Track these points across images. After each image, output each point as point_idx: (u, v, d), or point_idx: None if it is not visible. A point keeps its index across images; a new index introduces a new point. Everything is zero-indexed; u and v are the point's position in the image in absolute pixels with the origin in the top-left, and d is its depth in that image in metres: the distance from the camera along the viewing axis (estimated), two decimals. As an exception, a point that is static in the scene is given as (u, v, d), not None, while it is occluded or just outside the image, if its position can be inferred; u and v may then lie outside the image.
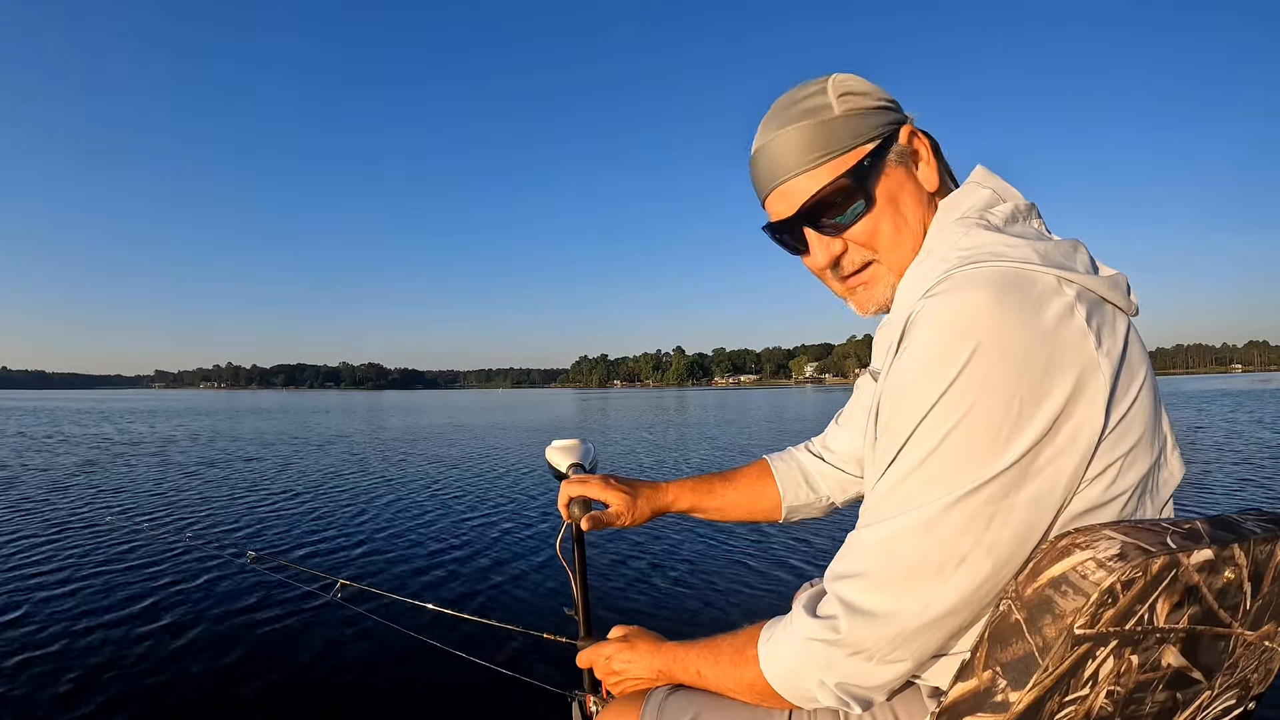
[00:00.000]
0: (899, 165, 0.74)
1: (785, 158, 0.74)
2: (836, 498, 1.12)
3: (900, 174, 0.74)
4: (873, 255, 0.75)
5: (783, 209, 0.77)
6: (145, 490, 8.04)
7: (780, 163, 0.75)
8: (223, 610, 3.60)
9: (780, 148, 0.74)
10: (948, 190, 0.78)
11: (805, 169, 0.73)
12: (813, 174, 0.73)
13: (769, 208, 0.79)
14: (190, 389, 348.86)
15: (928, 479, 0.57)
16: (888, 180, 0.73)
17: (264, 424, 20.35)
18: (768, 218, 0.80)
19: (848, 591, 0.62)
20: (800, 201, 0.74)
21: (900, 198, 0.74)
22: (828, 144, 0.72)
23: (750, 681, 0.72)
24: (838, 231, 0.75)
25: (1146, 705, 0.56)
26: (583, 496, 1.09)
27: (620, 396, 70.70)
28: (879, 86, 0.76)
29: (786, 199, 0.76)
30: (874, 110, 0.74)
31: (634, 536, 5.06)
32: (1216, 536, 0.54)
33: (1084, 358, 0.56)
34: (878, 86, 0.76)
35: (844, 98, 0.73)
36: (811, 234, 0.76)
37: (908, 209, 0.74)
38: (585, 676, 1.11)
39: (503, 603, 3.80)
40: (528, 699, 2.36)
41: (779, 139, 0.74)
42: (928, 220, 0.74)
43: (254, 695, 2.69)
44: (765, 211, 0.80)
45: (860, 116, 0.73)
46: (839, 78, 0.75)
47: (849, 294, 0.80)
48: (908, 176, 0.74)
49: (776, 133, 0.74)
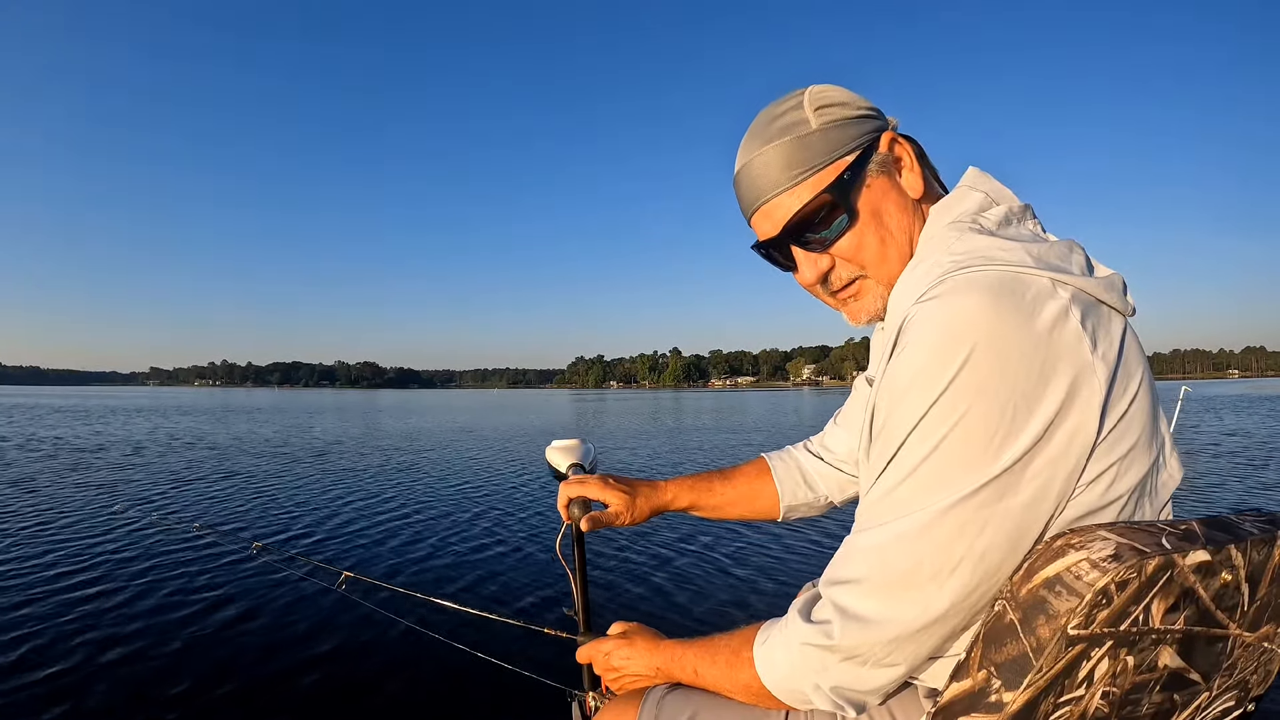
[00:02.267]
0: (881, 174, 0.73)
1: (766, 177, 0.73)
2: (835, 497, 1.12)
3: (883, 183, 0.73)
4: (859, 270, 0.75)
5: (768, 228, 0.76)
6: (154, 480, 8.11)
7: (762, 182, 0.74)
8: (227, 598, 3.64)
9: (761, 167, 0.73)
10: (935, 194, 0.77)
11: (786, 187, 0.73)
12: (794, 191, 0.72)
13: (755, 226, 0.79)
14: (185, 386, 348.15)
15: (922, 484, 0.57)
16: (870, 191, 0.72)
17: (262, 425, 20.31)
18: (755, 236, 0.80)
19: (842, 597, 0.62)
20: (784, 220, 0.74)
21: (884, 208, 0.73)
22: (807, 160, 0.71)
23: (746, 683, 0.72)
24: (823, 247, 0.74)
25: (1143, 706, 0.56)
26: (582, 497, 1.09)
27: (617, 398, 70.71)
28: (858, 95, 0.75)
29: (771, 218, 0.75)
30: (852, 120, 0.72)
31: (633, 535, 5.07)
32: (1212, 537, 0.54)
33: (1079, 361, 0.55)
34: (857, 95, 0.75)
35: (820, 110, 0.72)
36: (799, 252, 0.76)
37: (892, 219, 0.73)
38: (585, 674, 1.12)
39: (504, 599, 3.80)
40: (528, 694, 2.36)
41: (759, 158, 0.73)
42: (914, 228, 0.74)
43: (256, 683, 2.70)
44: (752, 230, 0.80)
45: (838, 128, 0.72)
46: (815, 90, 0.74)
47: (841, 305, 0.80)
48: (891, 185, 0.74)
49: (756, 152, 0.74)
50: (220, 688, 2.65)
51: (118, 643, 3.04)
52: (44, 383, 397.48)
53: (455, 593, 3.93)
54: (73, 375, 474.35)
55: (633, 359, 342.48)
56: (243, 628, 3.24)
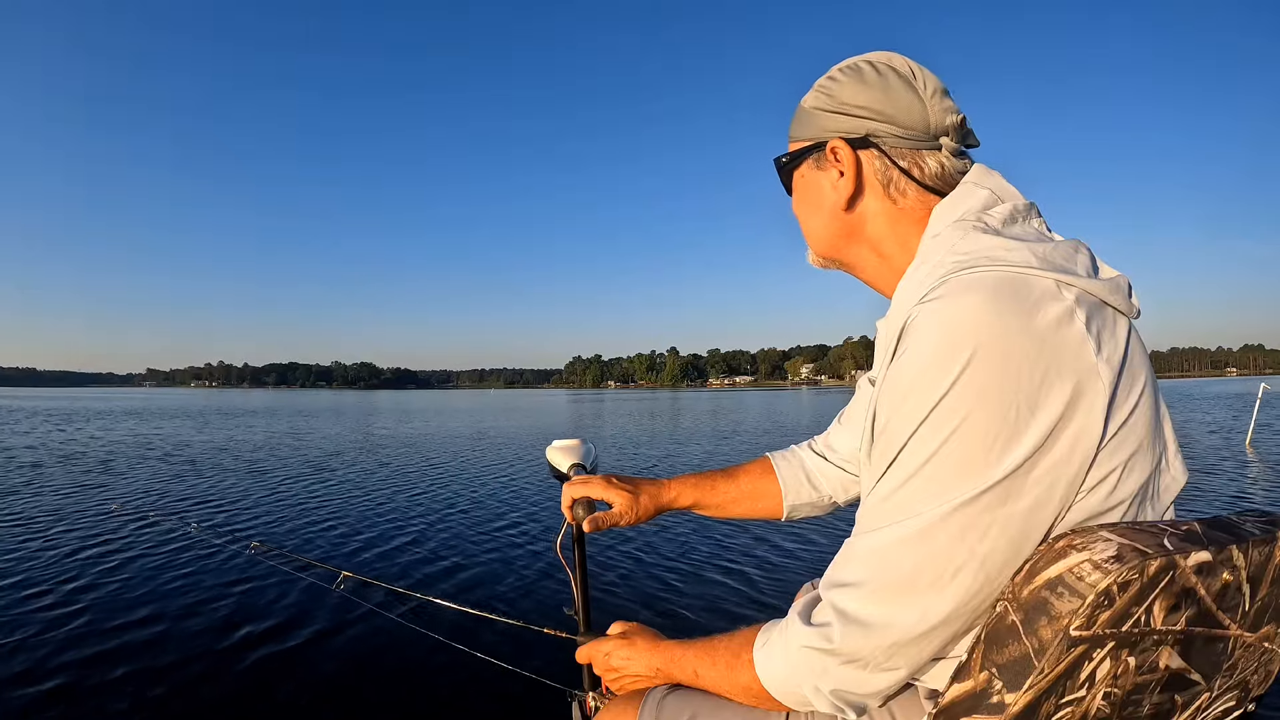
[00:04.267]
0: (816, 169, 0.79)
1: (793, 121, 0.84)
2: (839, 497, 1.12)
3: (815, 177, 0.80)
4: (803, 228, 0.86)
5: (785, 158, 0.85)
6: (149, 480, 8.09)
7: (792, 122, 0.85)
8: (224, 598, 3.62)
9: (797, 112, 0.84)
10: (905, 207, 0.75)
11: (790, 137, 0.84)
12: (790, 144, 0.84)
13: None
14: (182, 387, 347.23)
15: (923, 488, 0.57)
16: (802, 179, 0.82)
17: (259, 426, 20.27)
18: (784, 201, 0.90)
19: (842, 600, 0.62)
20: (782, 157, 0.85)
21: (808, 198, 0.82)
22: (794, 127, 0.82)
23: (746, 684, 0.72)
24: None
25: (1144, 707, 0.56)
26: (586, 497, 1.09)
27: (614, 398, 70.69)
28: (872, 91, 0.74)
29: None
30: (826, 113, 0.77)
31: (634, 534, 5.07)
32: (1214, 538, 0.54)
33: (1083, 364, 0.55)
34: (866, 91, 0.74)
35: (819, 93, 0.79)
36: None
37: (809, 211, 0.82)
38: (585, 674, 1.12)
39: (504, 599, 3.79)
40: (529, 695, 2.36)
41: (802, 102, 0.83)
42: (835, 225, 0.79)
43: (253, 683, 2.69)
44: None
45: (817, 114, 0.78)
46: (837, 70, 0.78)
47: None
48: (822, 181, 0.79)
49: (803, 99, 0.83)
50: (218, 688, 2.65)
51: (113, 644, 3.03)
52: (40, 384, 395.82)
53: (454, 592, 3.92)
54: (69, 376, 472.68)
55: (630, 358, 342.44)
56: (240, 628, 3.22)
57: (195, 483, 7.97)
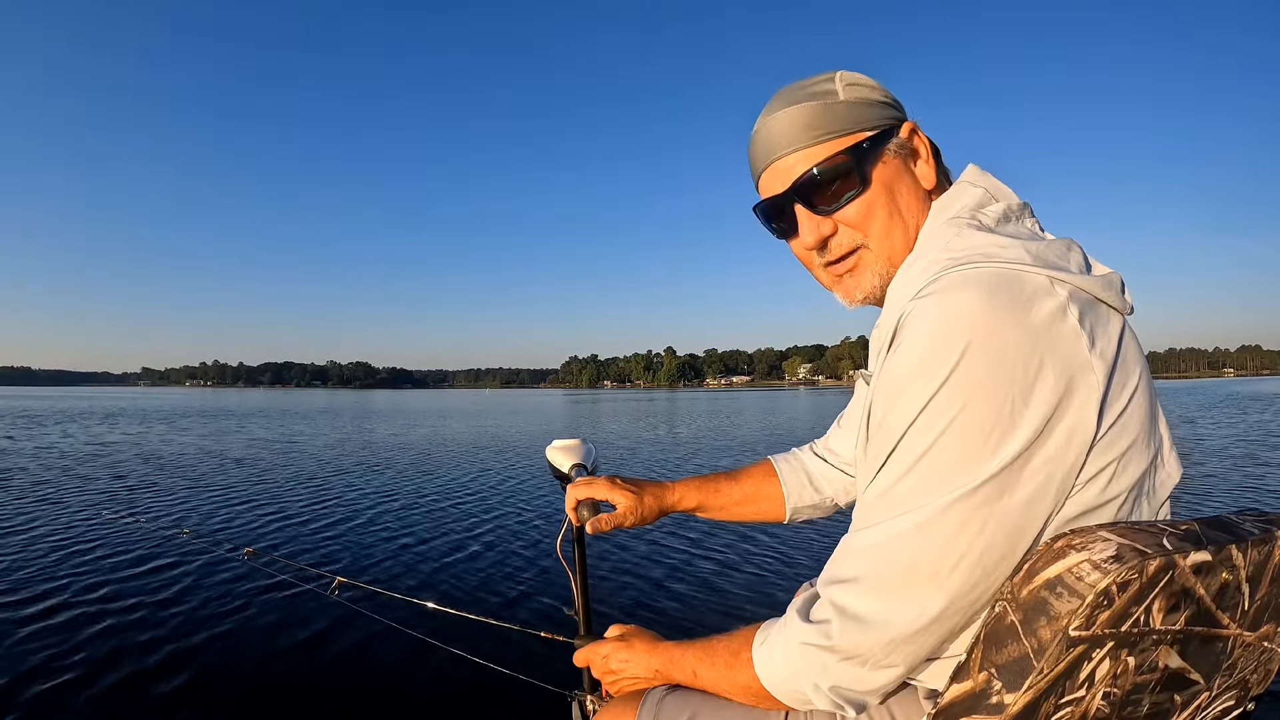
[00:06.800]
0: (897, 157, 0.74)
1: (784, 134, 0.74)
2: (840, 499, 1.13)
3: (898, 165, 0.74)
4: (862, 240, 0.74)
5: (776, 185, 0.76)
6: (143, 485, 8.01)
7: (779, 139, 0.74)
8: (218, 605, 3.58)
9: (781, 124, 0.74)
10: None
11: (803, 146, 0.73)
12: (810, 151, 0.73)
13: (762, 186, 0.78)
14: (177, 387, 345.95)
15: (919, 482, 0.57)
16: (885, 167, 0.73)
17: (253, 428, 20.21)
18: None
19: (841, 596, 0.62)
20: (794, 177, 0.74)
21: (897, 188, 0.73)
22: (829, 124, 0.72)
23: (745, 684, 0.72)
24: (829, 211, 0.74)
25: (1144, 706, 0.56)
26: (590, 498, 1.09)
27: (611, 399, 70.66)
28: (885, 87, 0.76)
29: (781, 175, 0.75)
30: (878, 103, 0.74)
31: (634, 536, 5.06)
32: (1213, 538, 0.54)
33: (1076, 359, 0.55)
34: (884, 86, 0.76)
35: (850, 87, 0.74)
36: (802, 212, 0.75)
37: (903, 201, 0.73)
38: (585, 676, 1.11)
39: (502, 602, 3.78)
40: (527, 698, 2.35)
41: (782, 115, 0.74)
42: (921, 218, 0.74)
43: (249, 690, 2.68)
44: (758, 193, 0.80)
45: (864, 105, 0.73)
46: (846, 73, 0.76)
47: (835, 283, 0.79)
48: (905, 170, 0.74)
49: (780, 111, 0.74)
50: (213, 695, 2.63)
51: (107, 650, 3.00)
52: (35, 383, 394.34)
53: (452, 596, 3.90)
54: (64, 375, 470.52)
55: (627, 358, 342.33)
56: (235, 634, 3.20)
57: (188, 487, 7.88)
